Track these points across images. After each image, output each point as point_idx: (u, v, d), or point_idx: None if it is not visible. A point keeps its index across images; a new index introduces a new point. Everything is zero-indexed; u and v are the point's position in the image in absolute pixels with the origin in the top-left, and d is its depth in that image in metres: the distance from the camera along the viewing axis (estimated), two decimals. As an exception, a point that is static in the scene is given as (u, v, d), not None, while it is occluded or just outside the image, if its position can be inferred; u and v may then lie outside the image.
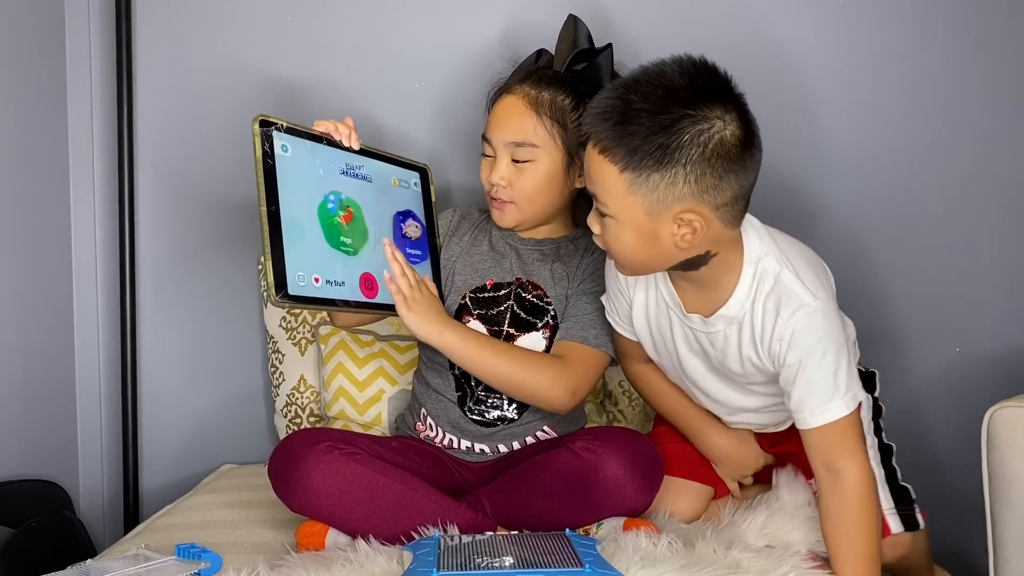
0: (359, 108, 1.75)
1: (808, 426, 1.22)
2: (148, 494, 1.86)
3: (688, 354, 1.35)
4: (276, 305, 1.27)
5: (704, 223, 1.15)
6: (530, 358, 1.41)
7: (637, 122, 1.12)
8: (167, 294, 1.85)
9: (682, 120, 1.11)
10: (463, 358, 1.38)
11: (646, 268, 1.26)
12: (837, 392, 1.20)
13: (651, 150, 1.11)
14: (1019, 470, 1.28)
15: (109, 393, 1.87)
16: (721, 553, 1.21)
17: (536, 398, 1.40)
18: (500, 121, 1.45)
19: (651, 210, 1.15)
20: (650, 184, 1.13)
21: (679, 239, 1.16)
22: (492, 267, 1.50)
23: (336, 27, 1.79)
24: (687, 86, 1.12)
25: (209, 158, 1.82)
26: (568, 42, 1.48)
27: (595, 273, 1.47)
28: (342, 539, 1.29)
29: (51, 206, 1.80)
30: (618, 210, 1.16)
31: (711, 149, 1.12)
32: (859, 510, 1.20)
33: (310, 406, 1.74)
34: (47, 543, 1.64)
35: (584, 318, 1.44)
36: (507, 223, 1.49)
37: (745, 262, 1.23)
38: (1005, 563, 1.31)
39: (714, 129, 1.12)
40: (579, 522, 1.31)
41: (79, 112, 1.82)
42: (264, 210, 1.23)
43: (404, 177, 1.47)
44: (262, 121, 1.26)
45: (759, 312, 1.22)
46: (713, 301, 1.26)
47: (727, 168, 1.13)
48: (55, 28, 1.79)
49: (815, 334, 1.20)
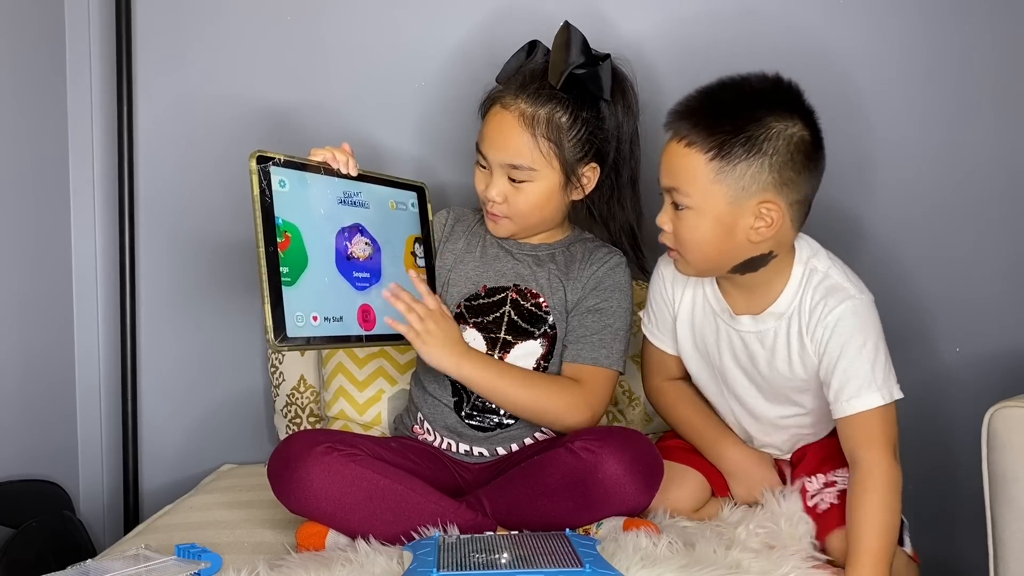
0: (355, 123, 1.77)
1: (844, 414, 1.27)
2: (148, 494, 1.86)
3: (731, 364, 1.37)
4: (276, 349, 1.26)
5: (779, 215, 1.23)
6: (549, 385, 1.41)
7: (726, 116, 1.22)
8: (167, 294, 1.85)
9: (768, 117, 1.22)
10: (482, 388, 1.39)
11: (714, 264, 1.30)
12: (874, 383, 1.26)
13: (740, 140, 1.20)
14: (1019, 470, 1.28)
15: (109, 393, 1.87)
16: (721, 553, 1.21)
17: (556, 424, 1.42)
18: (495, 139, 1.43)
19: (734, 199, 1.22)
20: (737, 172, 1.21)
21: (753, 232, 1.24)
22: (485, 272, 1.50)
23: (330, 41, 1.79)
24: (771, 91, 1.25)
25: (209, 158, 1.82)
26: (562, 54, 1.42)
27: (597, 288, 1.47)
28: (342, 540, 1.29)
29: (51, 206, 1.80)
30: (701, 199, 1.23)
31: (794, 144, 1.22)
32: (877, 503, 1.24)
33: (310, 406, 1.74)
34: (47, 543, 1.64)
35: (593, 338, 1.44)
36: (502, 234, 1.49)
37: (795, 262, 1.31)
38: (1005, 563, 1.31)
39: (795, 128, 1.23)
40: (579, 522, 1.30)
41: (79, 112, 1.82)
42: (262, 251, 1.22)
43: (401, 199, 1.46)
44: (259, 157, 1.25)
45: (807, 302, 1.28)
46: (762, 301, 1.32)
47: (804, 165, 1.24)
48: (55, 37, 1.79)
49: (858, 323, 1.26)
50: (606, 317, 1.45)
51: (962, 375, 1.73)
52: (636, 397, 1.68)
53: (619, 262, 1.50)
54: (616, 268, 1.49)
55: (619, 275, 1.48)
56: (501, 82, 1.48)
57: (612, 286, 1.47)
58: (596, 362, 1.43)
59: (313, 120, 1.79)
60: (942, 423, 1.72)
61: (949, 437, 1.72)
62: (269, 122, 1.79)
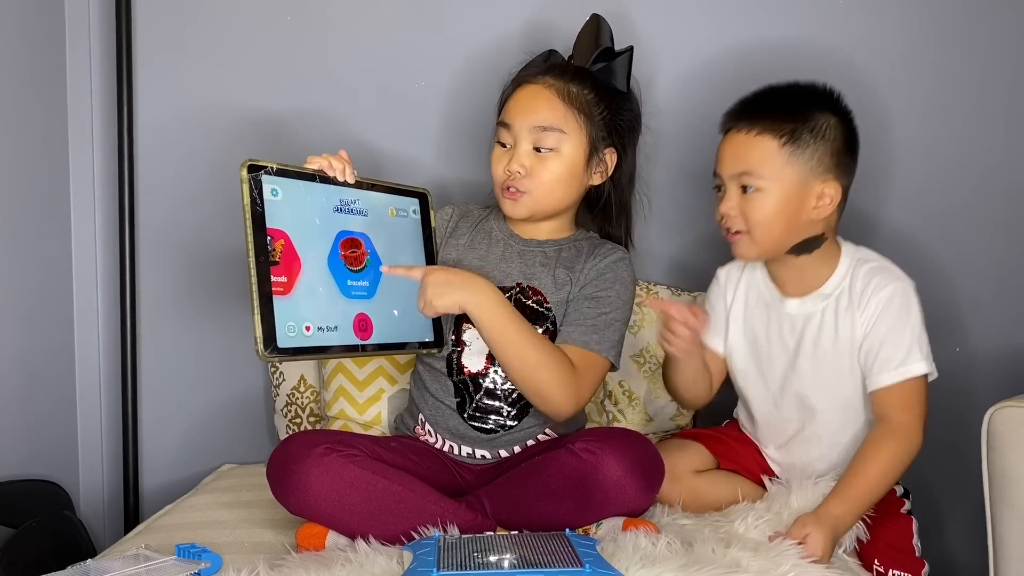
0: (355, 130, 1.78)
1: (890, 382, 1.37)
2: (148, 494, 1.86)
3: (779, 350, 1.46)
4: (265, 360, 1.25)
5: (836, 195, 1.39)
6: (552, 352, 1.37)
7: (791, 109, 1.38)
8: (167, 294, 1.85)
9: (825, 111, 1.39)
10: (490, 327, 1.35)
11: (778, 244, 1.41)
12: (920, 353, 1.37)
13: (808, 127, 1.37)
14: (1019, 470, 1.29)
15: (109, 393, 1.87)
16: (720, 552, 1.21)
17: (540, 395, 1.37)
18: (525, 106, 1.44)
19: (804, 179, 1.37)
20: (806, 155, 1.37)
21: (815, 211, 1.38)
22: (491, 271, 1.49)
23: (330, 49, 1.80)
24: (820, 91, 1.42)
25: (208, 158, 1.82)
26: (591, 38, 1.47)
27: (598, 278, 1.46)
28: (342, 540, 1.28)
29: (51, 206, 1.80)
30: (774, 181, 1.37)
31: (849, 133, 1.41)
32: (891, 453, 1.34)
33: (310, 406, 1.74)
34: (47, 543, 1.64)
35: (587, 323, 1.42)
36: (520, 214, 1.47)
37: (843, 253, 1.44)
38: (1005, 563, 1.31)
39: (844, 121, 1.40)
40: (579, 523, 1.30)
41: (79, 115, 1.83)
42: (252, 261, 1.21)
43: (402, 205, 1.45)
44: (250, 166, 1.23)
45: (857, 283, 1.40)
46: (813, 283, 1.44)
47: (854, 153, 1.42)
48: (56, 40, 1.79)
49: (907, 301, 1.39)
50: (602, 305, 1.44)
51: (962, 375, 1.73)
52: (636, 397, 1.68)
53: (623, 256, 1.50)
54: (619, 262, 1.48)
55: (621, 269, 1.48)
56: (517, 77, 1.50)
57: (613, 278, 1.46)
58: (586, 345, 1.40)
59: (313, 127, 1.79)
60: (942, 423, 1.72)
61: (949, 437, 1.72)
62: (268, 129, 1.79)
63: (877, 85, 1.72)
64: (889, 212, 1.74)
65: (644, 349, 1.69)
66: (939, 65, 1.74)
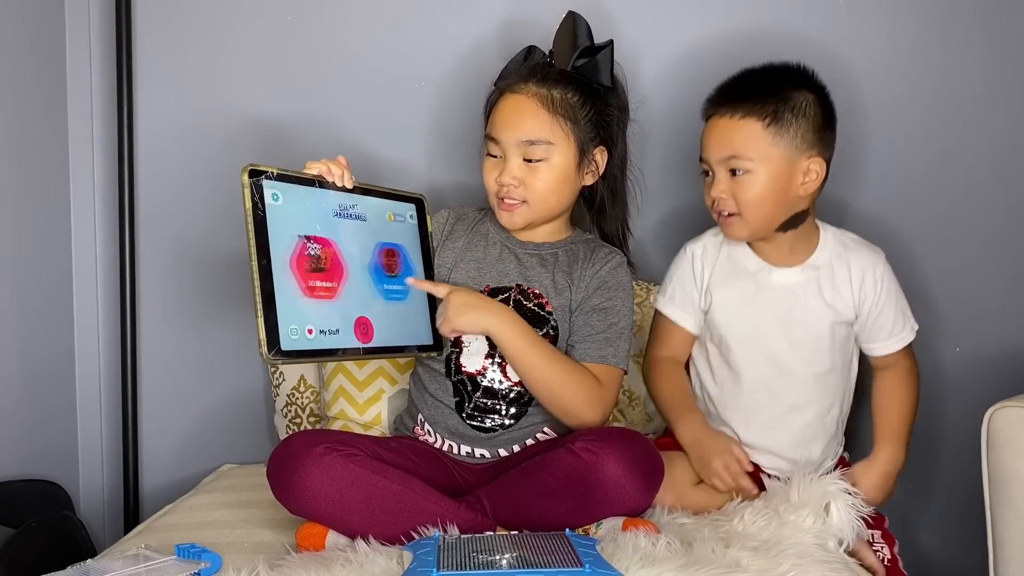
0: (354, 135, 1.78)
1: (893, 349, 1.50)
2: (148, 494, 1.86)
3: (770, 318, 1.48)
4: (269, 363, 1.25)
5: (821, 170, 1.43)
6: (575, 371, 1.41)
7: (770, 91, 1.41)
8: (167, 293, 1.85)
9: (801, 89, 1.43)
10: (512, 351, 1.40)
11: (768, 222, 1.45)
12: (909, 323, 1.51)
13: (789, 107, 1.40)
14: (1019, 470, 1.29)
15: (109, 393, 1.87)
16: (720, 552, 1.21)
17: (568, 413, 1.41)
18: (510, 120, 1.44)
19: (790, 157, 1.41)
20: (791, 133, 1.40)
21: (802, 187, 1.43)
22: (488, 272, 1.50)
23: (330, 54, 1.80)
24: (794, 70, 1.45)
25: (208, 157, 1.82)
26: (569, 39, 1.47)
27: (601, 287, 1.47)
28: (342, 540, 1.28)
29: (51, 206, 1.80)
30: (761, 161, 1.40)
31: (826, 108, 1.44)
32: (912, 389, 1.51)
33: (310, 406, 1.74)
34: (47, 543, 1.64)
35: (599, 337, 1.44)
36: (517, 225, 1.49)
37: (822, 229, 1.52)
38: (1005, 563, 1.31)
39: (820, 97, 1.44)
40: (579, 522, 1.30)
41: (79, 117, 1.83)
42: (255, 264, 1.22)
43: (400, 211, 1.46)
44: (251, 171, 1.24)
45: (855, 257, 1.48)
46: (803, 254, 1.49)
47: (833, 127, 1.46)
48: (56, 35, 1.79)
49: (890, 273, 1.50)
50: (611, 316, 1.45)
51: (962, 375, 1.73)
52: (636, 397, 1.68)
53: (620, 262, 1.51)
54: (618, 268, 1.50)
55: (621, 275, 1.49)
56: (500, 83, 1.50)
57: (615, 285, 1.48)
58: (604, 360, 1.44)
59: (314, 132, 1.79)
60: (942, 423, 1.72)
61: (949, 437, 1.72)
62: (268, 133, 1.79)
63: (857, 71, 1.72)
64: (889, 212, 1.74)
65: (644, 349, 1.69)
66: (941, 57, 1.73)
